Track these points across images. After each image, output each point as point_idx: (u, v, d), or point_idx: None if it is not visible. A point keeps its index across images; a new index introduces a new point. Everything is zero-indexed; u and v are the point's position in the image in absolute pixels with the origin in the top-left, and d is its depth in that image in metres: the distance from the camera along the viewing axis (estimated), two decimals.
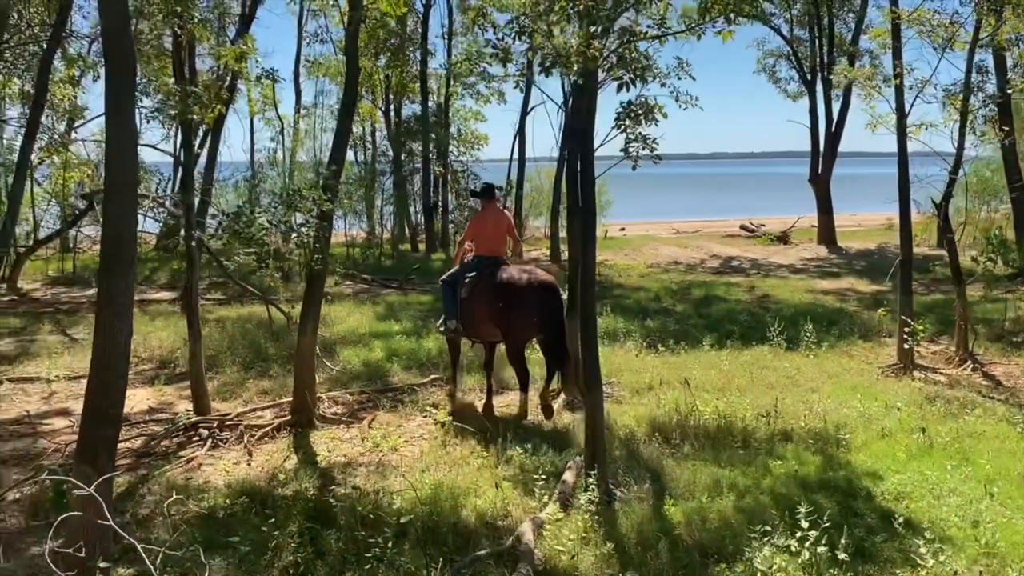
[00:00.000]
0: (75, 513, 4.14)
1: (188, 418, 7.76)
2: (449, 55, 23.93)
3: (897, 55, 10.05)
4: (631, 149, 5.79)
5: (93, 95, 40.44)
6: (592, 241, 6.25)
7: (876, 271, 19.67)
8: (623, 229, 30.54)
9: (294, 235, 7.87)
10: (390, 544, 4.77)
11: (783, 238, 25.61)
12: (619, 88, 5.40)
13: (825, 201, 24.85)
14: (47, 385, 9.63)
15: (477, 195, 9.64)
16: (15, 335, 12.72)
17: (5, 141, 17.20)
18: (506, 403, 8.86)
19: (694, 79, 6.33)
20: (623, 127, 5.76)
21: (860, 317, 13.57)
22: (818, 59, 24.46)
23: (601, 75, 6.17)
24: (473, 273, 8.51)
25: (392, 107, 25.47)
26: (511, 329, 8.13)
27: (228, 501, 6.00)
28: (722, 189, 70.61)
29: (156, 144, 23.89)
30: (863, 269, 20.32)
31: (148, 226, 24.93)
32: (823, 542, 4.64)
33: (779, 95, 26.28)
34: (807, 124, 24.86)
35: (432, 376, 9.67)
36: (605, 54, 5.38)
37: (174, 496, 6.03)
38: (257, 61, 20.27)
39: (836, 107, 24.41)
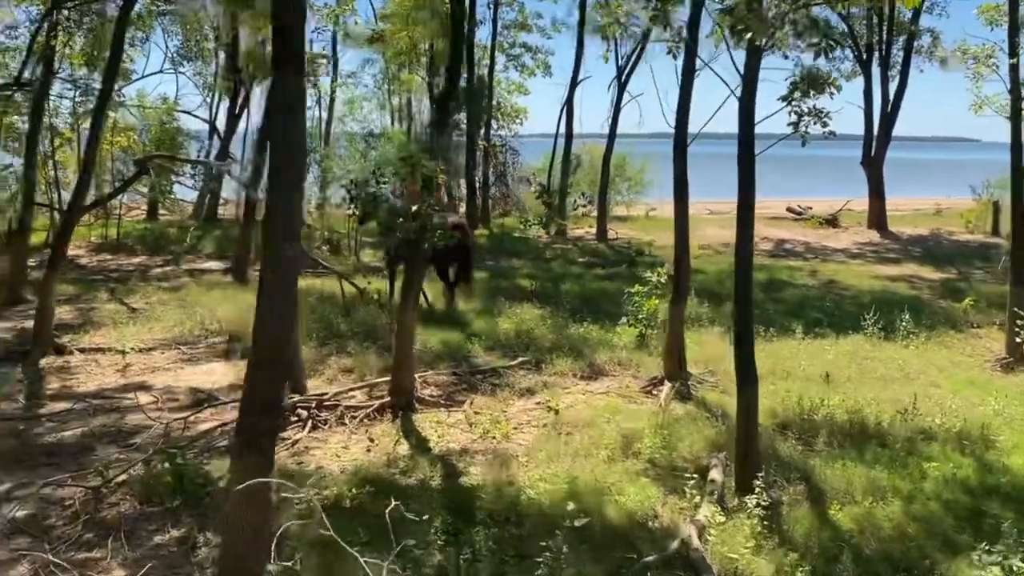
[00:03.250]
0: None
1: (289, 399, 7.39)
2: (495, 25, 23.33)
3: (1015, 30, 9.49)
4: (802, 123, 5.33)
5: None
6: (750, 226, 5.80)
7: (936, 258, 19.18)
8: (654, 209, 29.80)
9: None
10: (563, 548, 4.39)
11: (832, 221, 25.00)
12: (816, 55, 4.91)
13: (877, 185, 24.21)
14: (122, 357, 9.28)
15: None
16: (71, 302, 12.39)
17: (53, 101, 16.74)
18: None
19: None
20: (792, 100, 5.30)
21: (939, 306, 13.08)
22: (875, 38, 23.73)
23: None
24: None
25: (436, 78, 24.86)
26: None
27: (353, 490, 5.65)
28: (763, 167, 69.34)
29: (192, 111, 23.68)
30: (921, 256, 19.77)
31: (183, 193, 24.70)
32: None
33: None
34: (861, 105, 24.17)
35: (520, 359, 9.27)
36: (791, 18, 4.91)
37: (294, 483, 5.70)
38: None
39: (892, 87, 23.70)
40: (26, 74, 12.50)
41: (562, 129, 23.26)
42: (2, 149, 17.86)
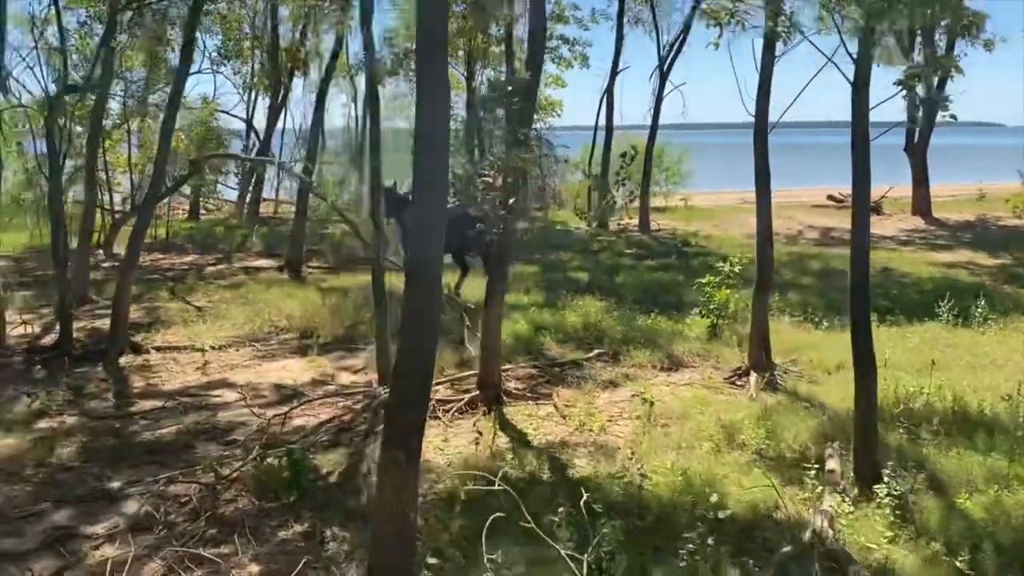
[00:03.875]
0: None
1: (384, 393, 7.39)
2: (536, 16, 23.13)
3: None
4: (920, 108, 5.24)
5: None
6: (865, 218, 5.72)
7: (987, 244, 18.94)
8: (684, 199, 29.53)
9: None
10: (708, 540, 4.35)
11: (875, 209, 24.71)
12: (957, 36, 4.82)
13: (921, 171, 23.94)
14: (201, 355, 9.34)
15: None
16: (135, 302, 12.46)
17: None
18: None
19: None
20: (909, 85, 5.22)
21: (1004, 292, 12.90)
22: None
23: None
24: None
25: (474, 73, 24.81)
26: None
27: (468, 483, 5.63)
28: (779, 159, 68.80)
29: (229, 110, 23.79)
30: (972, 241, 19.53)
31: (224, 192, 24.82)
32: None
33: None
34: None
35: (596, 351, 9.23)
36: None
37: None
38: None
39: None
40: (75, 75, 12.55)
41: (602, 121, 23.13)
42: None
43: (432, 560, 4.31)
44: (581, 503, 4.67)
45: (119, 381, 8.61)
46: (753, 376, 8.03)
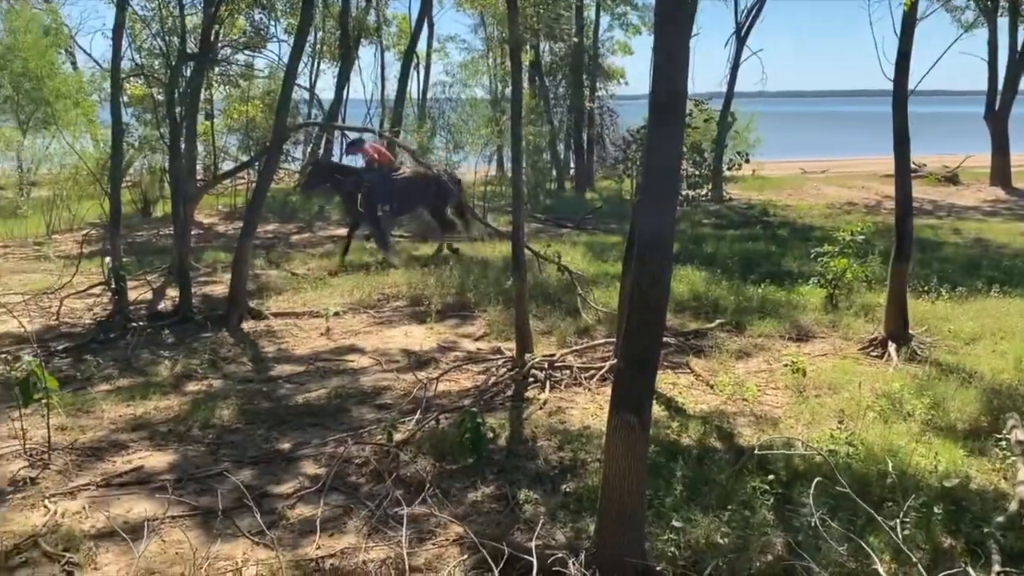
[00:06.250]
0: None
1: (533, 359, 7.42)
2: None
3: None
4: None
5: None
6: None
7: None
8: (754, 169, 29.07)
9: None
10: (935, 508, 4.32)
11: (952, 178, 24.21)
12: None
13: (1002, 140, 23.34)
14: (325, 321, 9.44)
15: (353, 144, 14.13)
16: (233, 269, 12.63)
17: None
18: None
19: None
20: None
21: None
22: None
23: None
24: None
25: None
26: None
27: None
28: (838, 127, 67.38)
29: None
30: None
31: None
32: None
33: (951, 25, 24.44)
34: (984, 57, 23.23)
35: (719, 321, 9.17)
36: None
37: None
38: None
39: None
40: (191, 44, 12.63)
41: None
42: (138, 121, 18.28)
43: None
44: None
45: (250, 346, 8.74)
46: (892, 346, 7.92)
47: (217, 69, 17.36)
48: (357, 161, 14.44)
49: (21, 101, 18.73)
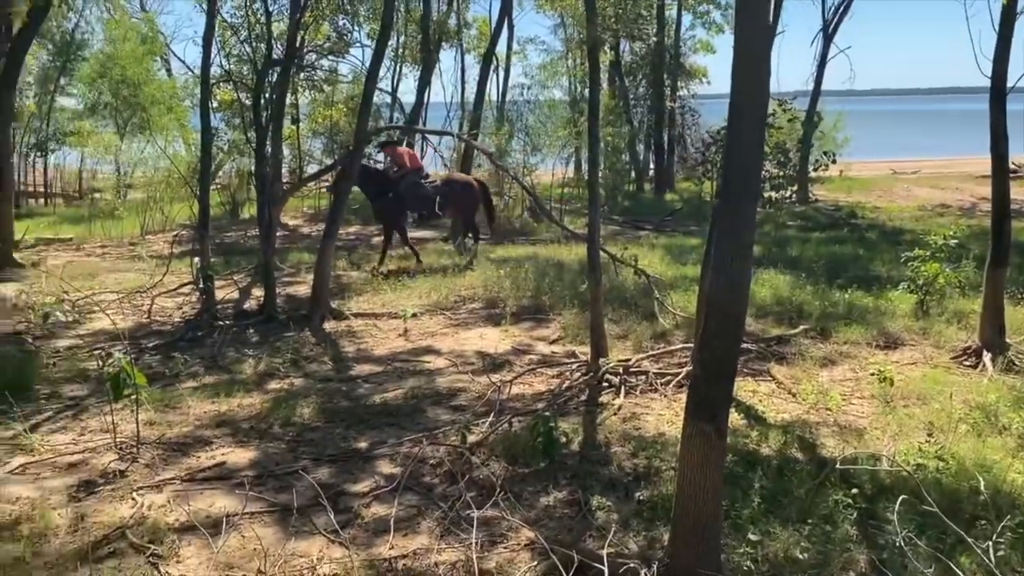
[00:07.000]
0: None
1: (608, 364, 7.36)
2: None
3: None
4: None
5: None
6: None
7: None
8: (841, 170, 28.16)
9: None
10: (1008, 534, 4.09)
11: None
12: None
13: None
14: (403, 322, 9.56)
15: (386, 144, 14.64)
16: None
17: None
18: None
19: None
20: None
21: None
22: None
23: None
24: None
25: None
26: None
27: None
28: (931, 126, 64.82)
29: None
30: None
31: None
32: None
33: None
34: None
35: (802, 327, 8.90)
36: None
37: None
38: None
39: None
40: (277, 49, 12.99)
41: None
42: (226, 125, 18.89)
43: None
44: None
45: (331, 346, 8.91)
46: (987, 355, 7.55)
47: (302, 74, 17.77)
48: (386, 161, 14.55)
49: (119, 107, 19.61)
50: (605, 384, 7.30)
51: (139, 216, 17.22)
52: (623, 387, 7.18)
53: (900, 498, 4.23)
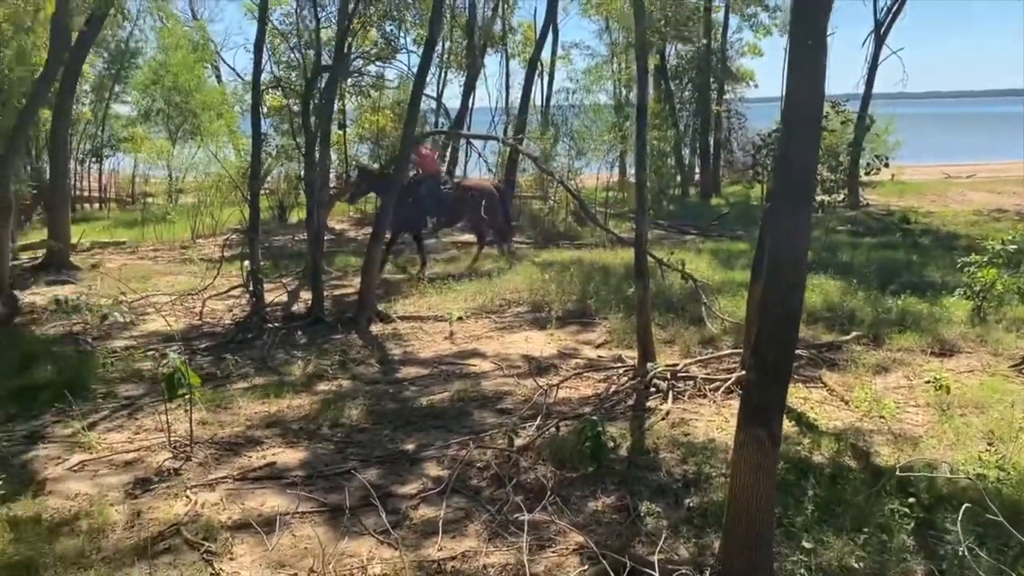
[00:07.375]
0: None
1: (656, 369, 7.30)
2: None
3: None
4: None
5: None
6: None
7: None
8: (893, 174, 27.60)
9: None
10: None
11: None
12: None
13: None
14: (448, 325, 9.60)
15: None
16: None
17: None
18: None
19: None
20: None
21: None
22: None
23: None
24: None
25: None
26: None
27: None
28: (985, 129, 63.23)
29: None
30: None
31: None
32: None
33: None
34: None
35: (855, 333, 8.73)
36: None
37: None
38: None
39: None
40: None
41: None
42: (275, 131, 19.18)
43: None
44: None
45: (378, 348, 8.98)
46: None
47: (350, 80, 17.97)
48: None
49: (171, 113, 20.03)
50: (652, 389, 7.24)
51: (190, 220, 17.55)
52: (671, 392, 7.11)
53: (964, 507, 4.10)
